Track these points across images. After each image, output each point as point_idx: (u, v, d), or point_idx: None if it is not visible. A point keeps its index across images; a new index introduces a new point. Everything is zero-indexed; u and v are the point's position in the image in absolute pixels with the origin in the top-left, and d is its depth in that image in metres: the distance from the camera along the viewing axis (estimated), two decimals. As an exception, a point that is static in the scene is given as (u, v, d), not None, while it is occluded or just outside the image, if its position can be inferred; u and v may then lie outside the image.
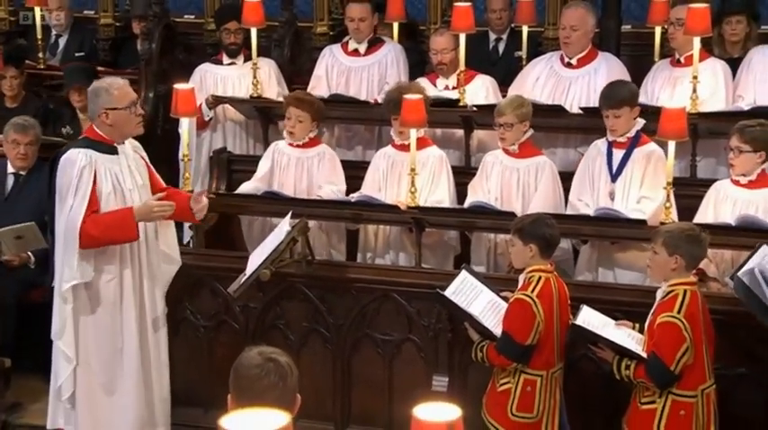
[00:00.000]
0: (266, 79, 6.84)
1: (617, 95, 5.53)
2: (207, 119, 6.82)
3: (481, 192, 5.75)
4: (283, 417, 2.25)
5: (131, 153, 5.07)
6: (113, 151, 4.97)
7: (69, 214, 4.81)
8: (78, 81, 7.05)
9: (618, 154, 5.56)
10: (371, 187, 5.91)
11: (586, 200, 5.60)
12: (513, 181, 5.71)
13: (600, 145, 5.67)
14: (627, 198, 5.50)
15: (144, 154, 5.18)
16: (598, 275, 5.60)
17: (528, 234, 4.71)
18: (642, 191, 5.48)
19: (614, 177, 5.55)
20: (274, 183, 6.02)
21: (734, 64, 6.36)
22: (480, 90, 6.50)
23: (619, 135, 5.54)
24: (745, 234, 5.10)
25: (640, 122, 5.56)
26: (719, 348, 4.69)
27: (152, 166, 5.22)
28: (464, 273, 4.91)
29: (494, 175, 5.75)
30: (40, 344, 5.32)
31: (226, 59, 7.04)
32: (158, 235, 5.17)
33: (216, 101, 6.78)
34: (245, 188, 6.05)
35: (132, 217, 4.85)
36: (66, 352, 4.93)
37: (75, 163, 4.85)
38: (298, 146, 6.01)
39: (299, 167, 6.01)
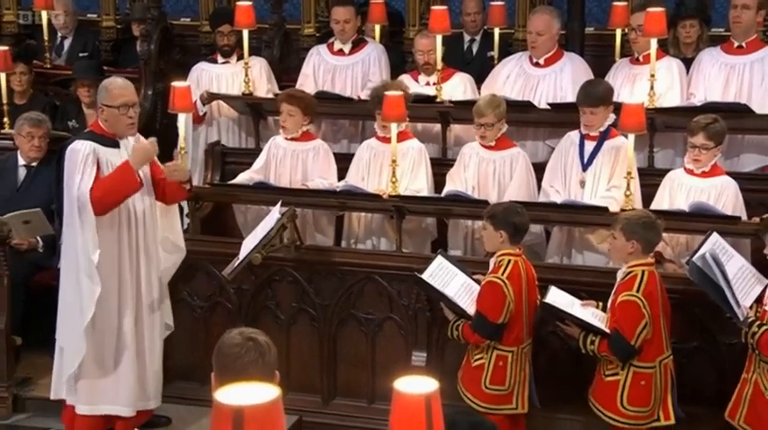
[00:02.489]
0: (257, 77, 6.80)
1: (595, 94, 5.52)
2: (201, 113, 6.78)
3: (459, 181, 5.74)
4: (273, 390, 2.23)
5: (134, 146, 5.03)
6: (115, 144, 4.93)
7: (78, 192, 4.76)
8: (86, 76, 7.00)
9: (589, 145, 5.56)
10: (355, 177, 5.89)
11: (557, 187, 5.61)
12: (489, 171, 5.70)
13: (573, 136, 5.67)
14: (596, 186, 5.52)
15: None
16: (569, 257, 5.60)
17: (499, 221, 4.70)
18: (613, 181, 5.48)
19: (585, 167, 5.56)
20: (271, 175, 5.97)
21: (688, 63, 6.36)
22: (459, 86, 6.49)
23: (593, 130, 5.54)
24: (698, 220, 5.12)
25: (612, 118, 5.56)
26: (675, 324, 4.71)
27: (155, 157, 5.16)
28: (440, 258, 4.90)
29: (471, 166, 5.74)
30: (47, 323, 5.27)
31: (220, 59, 6.99)
32: (163, 223, 5.12)
33: (210, 97, 6.74)
34: (241, 178, 6.01)
35: (130, 166, 4.80)
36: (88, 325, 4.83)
37: (80, 151, 4.83)
38: (293, 139, 5.96)
39: (294, 160, 5.96)
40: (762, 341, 4.39)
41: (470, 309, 4.72)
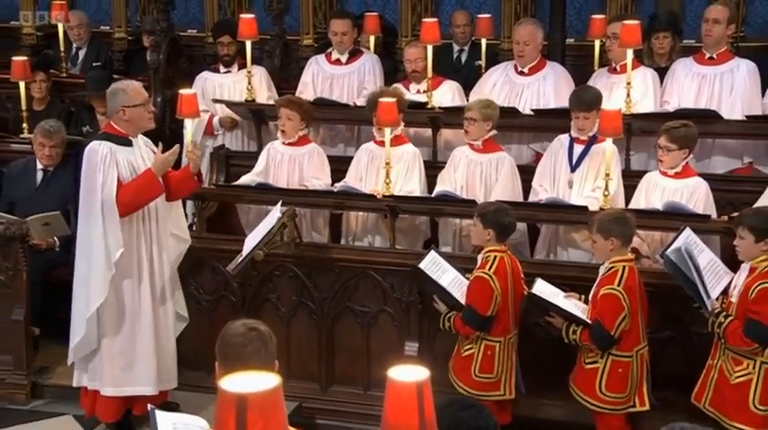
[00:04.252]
0: (258, 85, 6.78)
1: (588, 100, 5.51)
2: (216, 133, 6.79)
3: (448, 181, 5.73)
4: (274, 378, 2.21)
5: (144, 146, 5.04)
6: (129, 143, 4.94)
7: (104, 191, 4.78)
8: (100, 91, 6.94)
9: (578, 148, 5.56)
10: (354, 177, 5.89)
11: (546, 186, 5.62)
12: (477, 173, 5.69)
13: (563, 139, 5.66)
14: (583, 186, 5.52)
15: (154, 147, 5.13)
16: (555, 253, 5.59)
17: (489, 220, 4.69)
18: (598, 182, 5.47)
19: (573, 168, 5.55)
20: (270, 178, 5.96)
21: (661, 73, 6.38)
22: (447, 94, 6.49)
23: (585, 134, 5.53)
24: (672, 218, 5.12)
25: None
26: (651, 316, 4.72)
27: None
28: (433, 253, 4.90)
29: (460, 167, 5.72)
30: (63, 316, 5.25)
31: (222, 68, 6.97)
32: (168, 216, 5.11)
33: (229, 122, 6.71)
34: (243, 180, 6.00)
35: (153, 174, 4.86)
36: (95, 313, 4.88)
37: (98, 151, 4.84)
38: (290, 144, 5.94)
39: (292, 163, 5.94)
40: (728, 331, 4.40)
41: (463, 301, 4.71)
